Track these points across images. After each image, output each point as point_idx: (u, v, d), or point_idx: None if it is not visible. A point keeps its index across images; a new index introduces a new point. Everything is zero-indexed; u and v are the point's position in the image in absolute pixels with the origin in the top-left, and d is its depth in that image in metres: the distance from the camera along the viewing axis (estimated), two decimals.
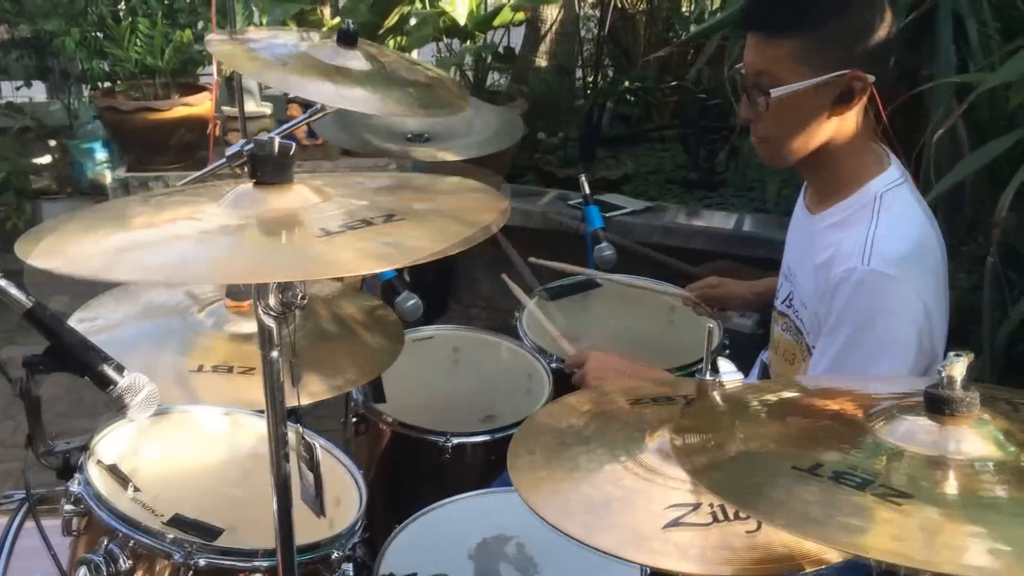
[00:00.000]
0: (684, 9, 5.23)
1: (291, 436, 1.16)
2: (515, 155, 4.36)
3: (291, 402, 1.12)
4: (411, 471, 2.10)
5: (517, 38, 4.73)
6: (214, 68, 3.42)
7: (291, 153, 1.04)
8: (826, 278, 1.53)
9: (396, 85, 2.08)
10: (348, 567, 1.37)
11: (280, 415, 1.11)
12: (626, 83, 4.83)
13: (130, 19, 3.92)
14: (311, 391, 1.70)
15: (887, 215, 1.52)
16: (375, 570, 1.58)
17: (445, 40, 3.94)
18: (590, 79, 4.82)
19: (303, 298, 1.06)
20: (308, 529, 1.36)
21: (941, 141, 1.93)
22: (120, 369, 1.29)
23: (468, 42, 3.94)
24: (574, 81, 4.79)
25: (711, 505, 1.00)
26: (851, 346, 1.48)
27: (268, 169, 1.03)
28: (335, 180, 1.14)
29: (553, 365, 2.18)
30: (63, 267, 0.91)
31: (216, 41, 2.02)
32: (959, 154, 2.23)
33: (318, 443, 1.35)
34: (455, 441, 1.94)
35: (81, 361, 1.28)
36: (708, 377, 1.09)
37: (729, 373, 1.10)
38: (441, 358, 2.37)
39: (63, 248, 0.99)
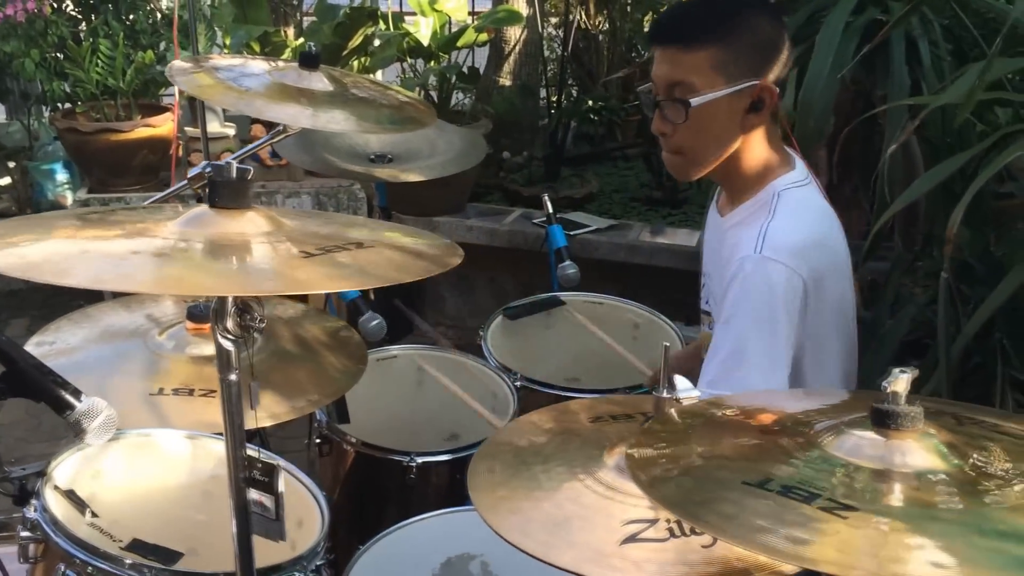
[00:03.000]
0: (646, 29, 5.29)
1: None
2: (480, 174, 4.38)
3: (250, 425, 1.12)
4: (376, 492, 2.10)
5: (481, 58, 4.77)
6: (176, 89, 3.40)
7: (248, 179, 1.04)
8: (725, 274, 1.62)
9: (359, 104, 2.10)
10: None
11: (239, 438, 1.11)
12: (589, 103, 4.87)
13: (91, 40, 3.89)
14: (273, 412, 1.69)
15: (783, 210, 1.62)
16: None
17: (409, 61, 3.96)
18: (554, 99, 4.86)
19: (261, 321, 1.06)
20: (270, 551, 1.36)
21: (895, 160, 1.98)
22: (77, 394, 1.29)
23: (432, 63, 3.96)
24: (538, 101, 4.83)
25: (668, 521, 1.01)
26: (747, 333, 1.54)
27: (225, 194, 1.04)
28: (288, 214, 1.15)
29: (518, 384, 2.19)
30: (12, 269, 0.91)
31: (179, 69, 2.02)
32: (914, 173, 2.28)
33: (279, 463, 1.36)
34: (419, 460, 1.94)
35: (38, 386, 1.28)
36: (665, 394, 1.11)
37: (686, 390, 1.12)
38: (405, 378, 2.37)
39: (12, 251, 0.98)
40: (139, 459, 1.52)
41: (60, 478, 1.36)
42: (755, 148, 1.67)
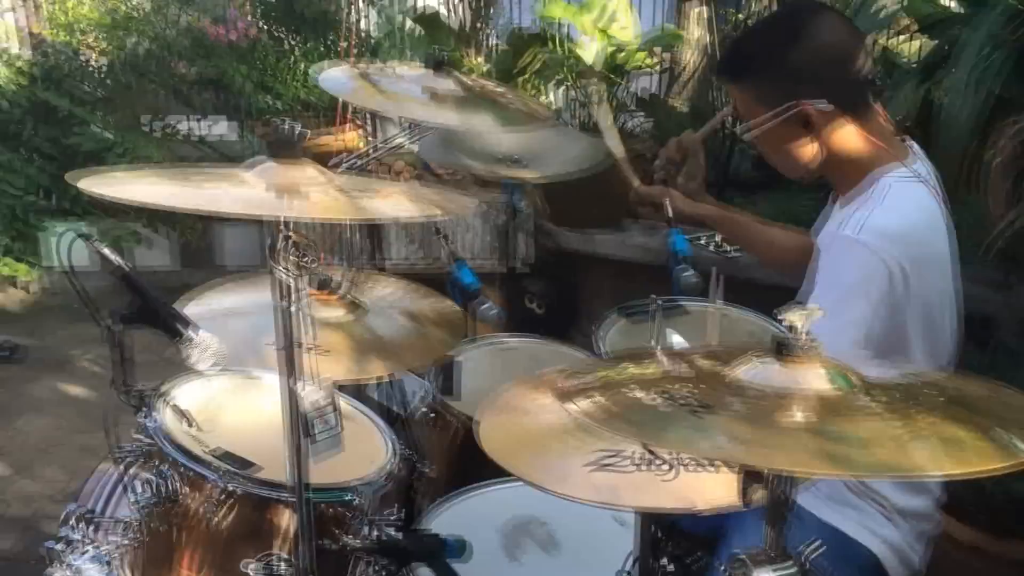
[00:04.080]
0: None
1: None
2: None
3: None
4: (476, 464, 2.26)
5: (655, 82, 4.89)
6: None
7: (298, 135, 1.25)
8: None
9: (483, 106, 2.29)
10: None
11: (293, 359, 1.31)
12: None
13: (291, 58, 4.36)
14: (369, 370, 1.91)
15: (891, 200, 1.67)
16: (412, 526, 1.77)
17: (574, 81, 4.14)
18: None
19: (314, 261, 1.26)
20: (337, 477, 1.56)
21: None
22: (194, 328, 1.54)
23: (598, 83, 4.12)
24: None
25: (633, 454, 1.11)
26: (822, 301, 1.58)
27: (282, 146, 1.25)
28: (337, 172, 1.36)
29: None
30: (119, 195, 1.16)
31: (325, 68, 2.30)
32: None
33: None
34: None
35: (161, 317, 1.54)
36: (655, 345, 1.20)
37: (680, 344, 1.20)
38: (522, 368, 2.52)
39: (121, 187, 1.23)
40: (244, 392, 1.77)
41: (173, 396, 1.62)
42: (850, 148, 1.74)
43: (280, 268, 1.26)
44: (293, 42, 4.44)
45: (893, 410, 0.81)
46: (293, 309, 1.30)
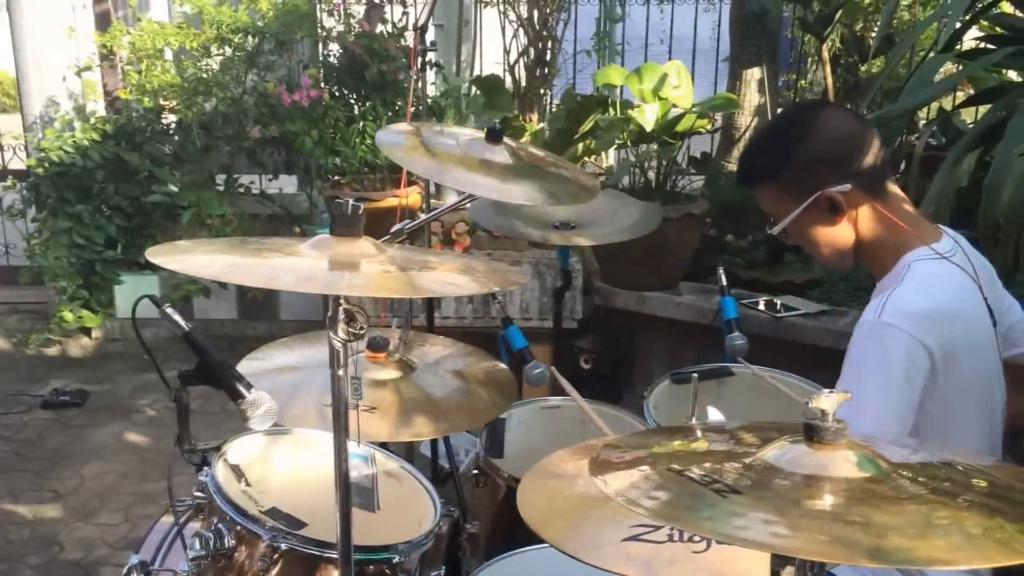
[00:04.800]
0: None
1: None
2: (702, 256, 4.51)
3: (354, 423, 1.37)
4: (521, 525, 2.28)
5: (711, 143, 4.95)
6: None
7: (359, 212, 1.32)
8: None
9: (533, 176, 2.36)
10: None
11: (344, 423, 1.36)
12: None
13: (360, 123, 4.52)
14: (416, 431, 1.96)
15: (911, 280, 1.68)
16: None
17: (630, 145, 4.22)
18: None
19: (362, 328, 1.32)
20: (382, 537, 1.60)
21: None
22: (249, 386, 1.61)
23: (653, 146, 4.19)
24: None
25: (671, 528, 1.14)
26: (861, 389, 1.60)
27: (342, 223, 1.32)
28: (393, 247, 1.42)
29: None
30: (184, 268, 1.23)
31: (386, 131, 2.40)
32: None
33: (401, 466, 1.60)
34: None
35: (219, 377, 1.61)
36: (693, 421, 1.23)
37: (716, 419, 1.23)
38: (568, 429, 2.55)
39: (186, 259, 1.31)
40: (298, 451, 1.83)
41: (231, 454, 1.69)
42: (875, 232, 1.77)
43: (333, 336, 1.32)
44: (360, 106, 4.60)
45: (922, 498, 0.83)
46: (342, 373, 1.35)
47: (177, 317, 1.62)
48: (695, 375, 1.21)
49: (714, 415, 1.23)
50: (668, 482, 0.86)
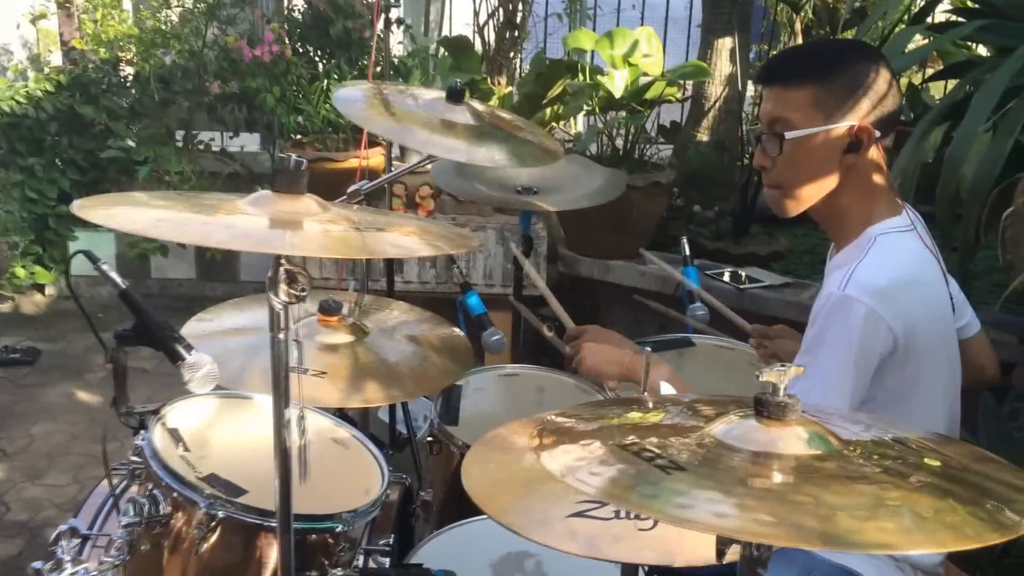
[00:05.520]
0: None
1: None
2: (667, 226, 4.48)
3: (294, 386, 1.32)
4: None
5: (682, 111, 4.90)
6: None
7: (303, 169, 1.26)
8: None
9: (496, 138, 2.30)
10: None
11: (284, 389, 1.31)
12: None
13: (324, 81, 4.41)
14: (367, 397, 1.91)
15: (875, 252, 1.63)
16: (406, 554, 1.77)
17: (599, 112, 4.15)
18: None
19: (304, 290, 1.27)
20: (325, 505, 1.56)
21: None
22: (189, 348, 1.55)
23: (621, 113, 4.13)
24: (733, 158, 4.86)
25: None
26: (817, 359, 1.58)
27: (285, 180, 1.26)
28: (337, 205, 1.36)
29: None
30: (109, 222, 1.16)
31: (345, 88, 2.32)
32: None
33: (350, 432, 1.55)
34: None
35: (159, 337, 1.55)
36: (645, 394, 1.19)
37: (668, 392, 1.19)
38: (524, 396, 2.52)
39: (113, 213, 1.24)
40: (242, 416, 1.78)
41: (170, 418, 1.63)
42: (855, 191, 1.70)
43: (273, 297, 1.26)
44: (324, 64, 4.49)
45: (872, 478, 0.80)
46: (282, 336, 1.30)
47: (113, 274, 1.55)
48: (648, 348, 1.17)
49: (666, 390, 1.19)
50: (612, 458, 0.82)
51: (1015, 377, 3.10)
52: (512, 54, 4.96)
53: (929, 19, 3.36)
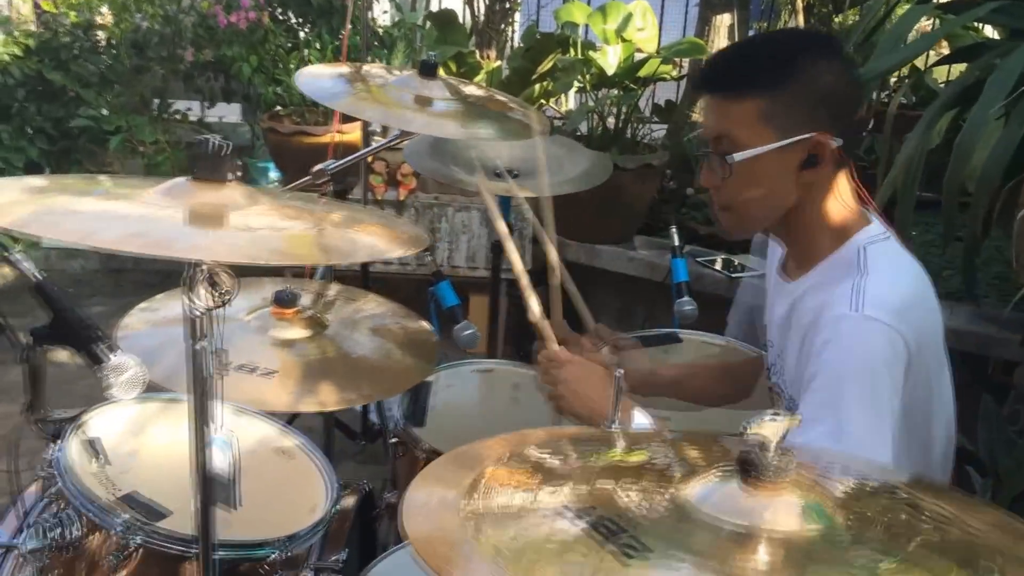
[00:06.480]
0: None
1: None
2: (660, 209, 4.32)
3: (217, 397, 1.16)
4: None
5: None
6: None
7: (225, 153, 1.09)
8: (812, 339, 1.42)
9: (472, 115, 2.13)
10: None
11: (202, 406, 1.14)
12: None
13: (303, 51, 4.21)
14: (321, 400, 1.75)
15: (875, 265, 1.44)
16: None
17: (590, 89, 3.97)
18: None
19: (227, 294, 1.10)
20: (261, 527, 1.40)
21: None
22: (112, 349, 1.38)
23: (614, 91, 3.94)
24: None
25: None
26: (848, 407, 1.36)
27: (205, 166, 1.08)
28: (267, 192, 1.18)
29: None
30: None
31: (306, 72, 2.15)
32: None
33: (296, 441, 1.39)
34: None
35: (78, 337, 1.38)
36: (613, 427, 1.03)
37: (641, 425, 1.03)
38: (500, 394, 2.37)
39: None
40: (172, 422, 1.61)
41: (91, 426, 1.47)
42: (821, 204, 1.50)
43: (189, 302, 1.10)
44: (304, 33, 4.29)
45: (875, 560, 0.64)
46: (199, 348, 1.13)
47: (27, 264, 1.38)
48: (619, 374, 1.00)
49: (640, 419, 1.03)
50: (562, 531, 0.66)
51: (1016, 377, 2.96)
52: (503, 26, 4.76)
53: None
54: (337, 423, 2.97)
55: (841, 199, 1.50)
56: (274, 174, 4.94)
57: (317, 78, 2.17)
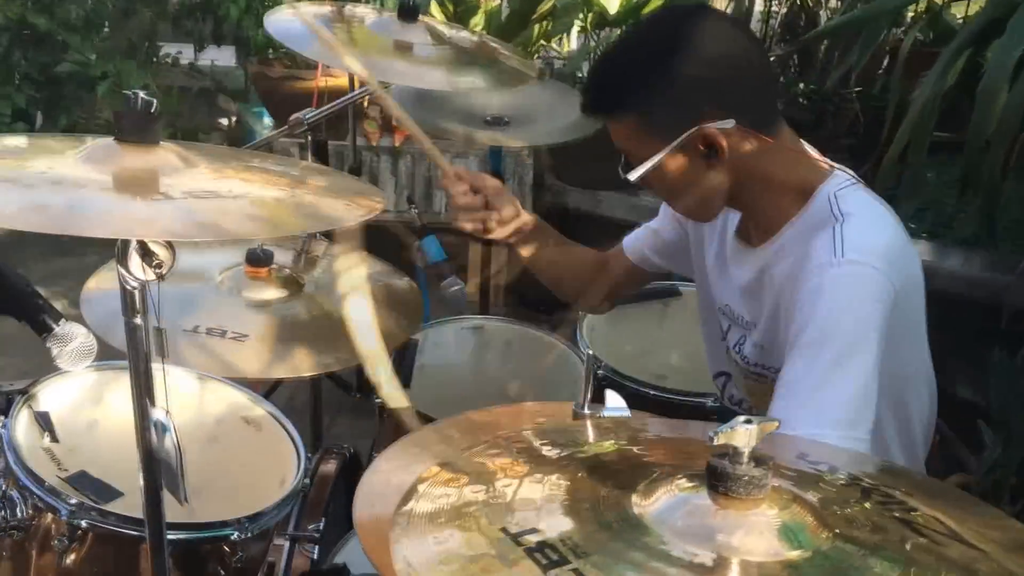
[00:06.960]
0: None
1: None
2: None
3: (157, 374, 1.07)
4: None
5: None
6: None
7: (155, 111, 0.98)
8: (793, 294, 1.33)
9: (457, 61, 2.01)
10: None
11: (145, 385, 1.06)
12: (801, 85, 4.49)
13: None
14: (294, 366, 1.66)
15: (850, 209, 1.35)
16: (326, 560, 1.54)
17: (591, 30, 3.82)
18: None
19: (160, 266, 1.00)
20: (226, 504, 1.32)
21: None
22: (57, 317, 1.29)
23: (616, 32, 3.79)
24: None
25: None
26: (837, 361, 1.28)
27: (131, 127, 0.98)
28: (202, 151, 1.08)
29: (599, 372, 2.04)
30: None
31: (278, 17, 2.02)
32: None
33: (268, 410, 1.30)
34: None
35: (21, 305, 1.29)
36: (585, 410, 0.94)
37: (615, 409, 0.94)
38: (490, 350, 2.28)
39: None
40: (127, 394, 1.52)
41: (42, 398, 1.38)
42: (766, 173, 1.39)
43: (124, 275, 1.00)
44: None
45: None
46: (139, 322, 1.04)
47: None
48: (590, 353, 0.91)
49: (613, 400, 0.94)
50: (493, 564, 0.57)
51: None
52: None
53: None
54: (330, 374, 2.89)
55: (790, 159, 1.39)
56: (268, 120, 4.82)
57: (291, 20, 2.04)
